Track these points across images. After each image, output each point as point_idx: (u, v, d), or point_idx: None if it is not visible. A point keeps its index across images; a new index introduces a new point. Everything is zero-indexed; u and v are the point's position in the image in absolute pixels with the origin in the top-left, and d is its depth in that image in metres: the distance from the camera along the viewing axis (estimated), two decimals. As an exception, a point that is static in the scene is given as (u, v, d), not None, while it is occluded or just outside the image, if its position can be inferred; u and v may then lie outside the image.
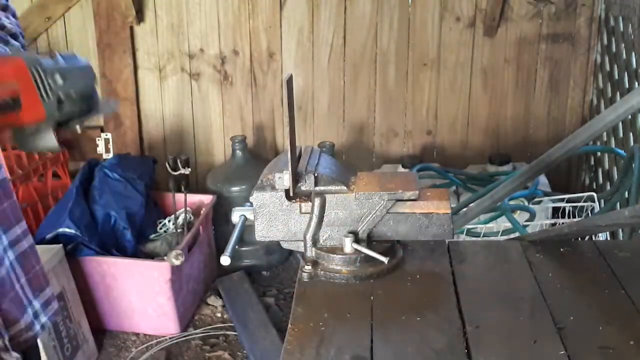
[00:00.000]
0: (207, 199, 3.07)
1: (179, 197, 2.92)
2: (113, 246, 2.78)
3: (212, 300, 2.96)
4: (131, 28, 3.28)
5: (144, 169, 3.03)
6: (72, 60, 1.03)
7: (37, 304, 1.19)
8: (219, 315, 2.89)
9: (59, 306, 1.29)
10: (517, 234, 2.24)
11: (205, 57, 3.31)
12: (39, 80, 0.95)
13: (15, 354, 1.11)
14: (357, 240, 1.11)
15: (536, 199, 2.60)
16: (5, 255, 1.12)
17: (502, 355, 0.96)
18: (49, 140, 0.99)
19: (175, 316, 2.72)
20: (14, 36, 1.19)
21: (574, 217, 2.55)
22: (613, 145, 2.77)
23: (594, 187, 3.03)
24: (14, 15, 1.24)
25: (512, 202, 2.46)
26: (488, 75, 3.24)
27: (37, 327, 1.18)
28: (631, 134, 2.57)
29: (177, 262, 2.58)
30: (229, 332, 2.76)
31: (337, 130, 3.38)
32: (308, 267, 1.13)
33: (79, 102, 1.02)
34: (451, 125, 3.34)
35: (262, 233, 1.14)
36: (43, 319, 1.21)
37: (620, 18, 2.76)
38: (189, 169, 2.86)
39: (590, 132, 1.73)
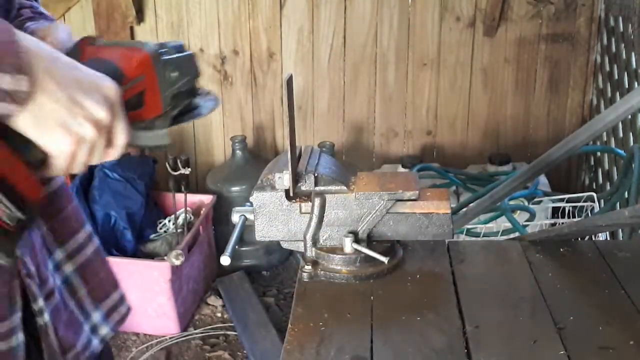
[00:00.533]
0: (207, 199, 3.08)
1: (179, 197, 2.92)
2: (113, 246, 2.79)
3: (212, 300, 2.96)
4: (131, 28, 3.28)
5: (144, 169, 3.03)
6: (180, 48, 0.97)
7: (96, 317, 1.14)
8: (219, 315, 2.89)
9: (128, 308, 1.22)
10: (517, 234, 2.24)
11: (205, 57, 3.31)
12: (160, 76, 0.91)
13: None
14: (357, 240, 1.11)
15: (536, 199, 2.60)
16: (57, 273, 1.06)
17: (502, 355, 0.96)
18: (162, 137, 0.94)
19: (175, 316, 2.72)
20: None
21: (574, 217, 2.55)
22: (613, 145, 2.77)
23: (594, 187, 3.03)
24: None
25: (512, 202, 2.46)
26: (488, 75, 3.24)
27: (95, 342, 1.13)
28: (631, 134, 2.57)
29: (177, 262, 2.58)
30: (229, 332, 2.76)
31: (337, 130, 3.38)
32: (308, 267, 1.13)
33: (188, 96, 0.98)
34: (451, 125, 3.34)
35: (262, 233, 1.14)
36: (104, 330, 1.15)
37: (620, 18, 2.76)
38: (189, 169, 2.86)
39: (590, 132, 1.73)
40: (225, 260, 1.08)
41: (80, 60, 0.92)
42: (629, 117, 2.44)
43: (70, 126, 0.78)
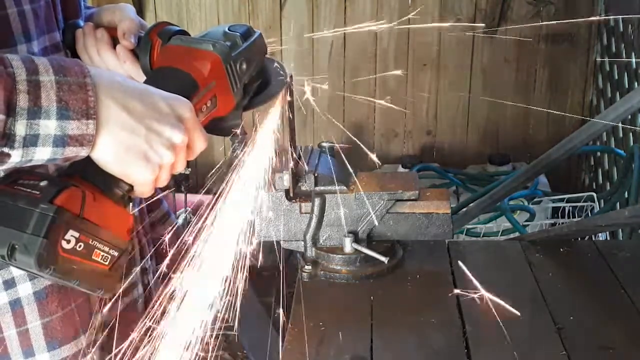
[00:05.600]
0: (207, 199, 3.07)
1: (179, 197, 2.92)
2: (113, 246, 2.78)
3: (212, 300, 2.96)
4: (131, 28, 3.28)
5: (144, 169, 3.02)
6: (247, 34, 0.96)
7: None
8: (219, 315, 2.89)
9: None
10: (517, 234, 2.24)
11: (205, 57, 3.30)
12: (231, 74, 0.91)
13: None
14: (357, 240, 1.12)
15: (536, 199, 2.60)
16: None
17: (502, 355, 0.96)
18: (236, 126, 0.96)
19: (175, 316, 2.71)
20: None
21: (573, 217, 2.55)
22: (613, 145, 2.77)
23: (594, 187, 3.03)
24: None
25: (512, 202, 2.46)
26: (488, 75, 3.24)
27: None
28: (631, 134, 2.57)
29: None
30: (229, 332, 2.76)
31: (337, 130, 3.38)
32: (308, 267, 1.13)
33: (257, 79, 0.98)
34: (451, 126, 3.33)
35: (262, 233, 1.14)
36: None
37: (620, 18, 2.76)
38: (189, 169, 2.85)
39: (590, 132, 1.73)
40: (225, 260, 1.08)
41: (150, 59, 0.95)
42: (629, 117, 2.44)
43: (150, 156, 0.80)
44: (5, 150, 0.71)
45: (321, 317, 1.03)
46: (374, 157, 1.14)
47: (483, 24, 3.13)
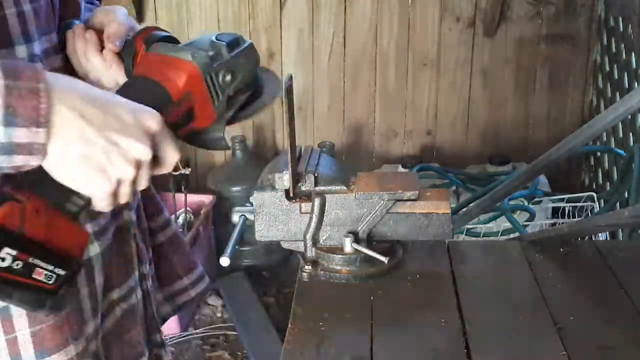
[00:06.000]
0: (207, 199, 3.08)
1: (179, 197, 2.92)
2: (113, 246, 2.78)
3: (212, 300, 2.96)
4: (131, 28, 3.28)
5: (144, 169, 3.02)
6: (235, 43, 0.91)
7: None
8: (219, 315, 2.89)
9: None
10: (517, 234, 2.24)
11: (205, 57, 3.30)
12: (211, 86, 0.87)
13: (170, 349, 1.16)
14: (357, 240, 1.12)
15: (536, 199, 2.60)
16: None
17: (502, 355, 0.96)
18: (218, 139, 0.91)
19: (176, 316, 2.72)
20: None
21: (573, 217, 2.55)
22: (613, 145, 2.77)
23: (594, 187, 3.03)
24: None
25: (512, 202, 2.46)
26: (488, 75, 3.24)
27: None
28: (631, 134, 2.57)
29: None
30: (229, 332, 2.76)
31: (337, 130, 3.38)
32: (308, 267, 1.13)
33: (246, 91, 0.93)
34: (451, 126, 3.34)
35: (262, 233, 1.14)
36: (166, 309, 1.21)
37: (620, 18, 2.77)
38: (189, 169, 2.86)
39: (590, 132, 1.73)
40: (224, 261, 1.08)
41: (132, 65, 0.92)
42: (629, 117, 2.44)
43: (107, 169, 0.76)
44: None
45: (321, 317, 1.03)
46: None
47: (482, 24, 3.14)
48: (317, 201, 1.11)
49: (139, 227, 1.08)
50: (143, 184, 0.80)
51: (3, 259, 0.72)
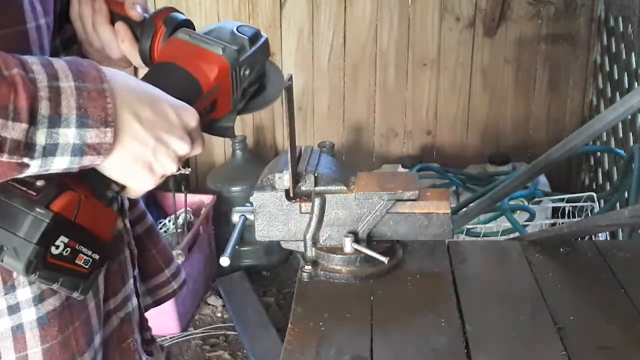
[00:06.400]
0: (207, 199, 3.08)
1: (179, 197, 2.92)
2: (113, 246, 2.78)
3: (212, 300, 2.96)
4: (131, 28, 3.27)
5: (144, 169, 3.02)
6: (255, 38, 0.92)
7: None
8: (219, 315, 2.89)
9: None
10: (517, 234, 2.24)
11: (205, 57, 3.30)
12: (234, 79, 0.89)
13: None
14: (357, 240, 1.12)
15: (536, 199, 2.60)
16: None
17: (502, 355, 0.96)
18: (228, 128, 0.93)
19: (176, 316, 2.72)
20: None
21: (573, 217, 2.55)
22: (613, 145, 2.77)
23: (594, 187, 3.03)
24: None
25: (512, 202, 2.46)
26: (488, 75, 3.24)
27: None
28: (631, 134, 2.57)
29: (177, 262, 2.58)
30: (229, 332, 2.76)
31: (337, 130, 3.38)
32: (308, 267, 1.13)
33: (255, 83, 0.95)
34: (451, 126, 3.34)
35: (262, 233, 1.14)
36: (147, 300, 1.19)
37: (620, 18, 2.77)
38: (189, 169, 2.85)
39: (590, 132, 1.73)
40: (224, 261, 1.08)
41: (151, 46, 0.91)
42: (629, 117, 2.44)
43: (154, 168, 0.79)
44: (25, 160, 0.68)
45: (321, 317, 1.03)
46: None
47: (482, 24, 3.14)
48: (317, 201, 1.11)
49: (126, 230, 1.06)
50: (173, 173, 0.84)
51: (57, 247, 0.74)
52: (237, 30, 0.91)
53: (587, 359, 0.95)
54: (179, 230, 2.90)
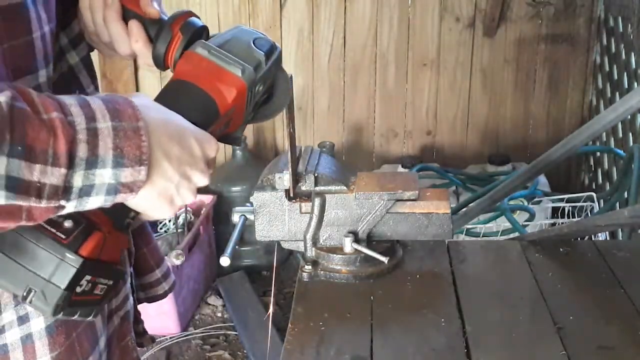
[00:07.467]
0: (207, 199, 3.08)
1: (179, 197, 2.91)
2: (113, 246, 2.78)
3: (212, 300, 2.96)
4: (131, 28, 3.27)
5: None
6: (271, 52, 0.90)
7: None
8: (219, 315, 2.89)
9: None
10: (516, 234, 2.24)
11: (205, 57, 3.30)
12: (250, 98, 0.87)
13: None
14: (357, 240, 1.12)
15: (536, 199, 2.60)
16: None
17: (502, 355, 0.96)
18: (236, 138, 0.92)
19: (176, 316, 2.72)
20: None
21: (573, 217, 2.55)
22: (612, 146, 2.77)
23: (594, 187, 3.03)
24: None
25: (511, 202, 2.46)
26: (487, 75, 3.24)
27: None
28: (630, 134, 2.57)
29: (177, 262, 2.58)
30: (229, 332, 2.76)
31: (337, 130, 3.39)
32: (308, 267, 1.13)
33: (265, 93, 0.93)
34: (451, 126, 3.34)
35: (262, 233, 1.14)
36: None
37: (620, 18, 2.77)
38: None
39: (589, 132, 1.73)
40: (224, 261, 1.08)
41: (166, 52, 0.89)
42: (629, 117, 2.44)
43: (175, 201, 0.79)
44: (62, 203, 0.68)
45: (321, 317, 1.03)
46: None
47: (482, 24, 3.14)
48: (317, 201, 1.11)
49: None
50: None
51: (81, 285, 0.74)
52: (254, 43, 0.89)
53: (587, 358, 0.95)
54: (179, 230, 2.90)
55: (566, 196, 2.61)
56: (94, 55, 1.01)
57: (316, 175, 1.10)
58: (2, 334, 0.82)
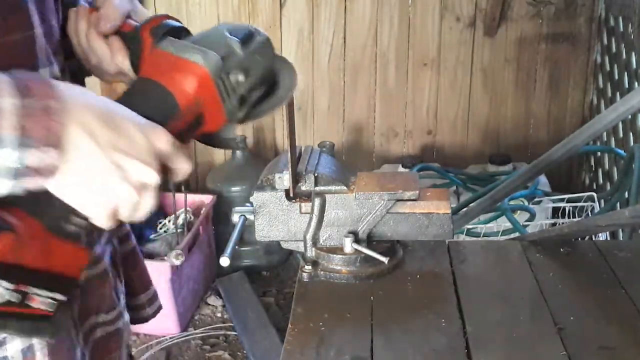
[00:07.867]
0: (207, 199, 3.07)
1: (179, 197, 2.91)
2: (113, 246, 2.78)
3: (212, 300, 2.96)
4: (131, 28, 3.27)
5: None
6: (248, 38, 0.83)
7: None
8: (219, 315, 2.89)
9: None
10: (517, 234, 2.24)
11: (205, 57, 3.30)
12: (222, 88, 0.79)
13: None
14: (357, 240, 1.11)
15: (536, 199, 2.60)
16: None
17: (502, 355, 0.96)
18: (228, 140, 0.85)
19: (175, 316, 2.72)
20: None
21: (574, 217, 2.55)
22: (613, 145, 2.77)
23: (594, 187, 3.03)
24: None
25: (512, 202, 2.46)
26: (488, 75, 3.24)
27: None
28: (631, 134, 2.57)
29: (177, 262, 2.56)
30: (229, 332, 2.76)
31: (337, 130, 3.38)
32: (308, 267, 1.13)
33: (261, 87, 0.85)
34: (451, 125, 3.34)
35: (262, 233, 1.14)
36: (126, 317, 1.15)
37: (620, 18, 2.76)
38: (189, 169, 2.85)
39: (590, 132, 1.73)
40: (224, 261, 1.07)
41: (139, 59, 0.84)
42: (629, 117, 2.44)
43: (106, 192, 0.71)
44: None
45: (321, 317, 1.03)
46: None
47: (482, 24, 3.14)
48: (317, 201, 1.11)
49: (115, 250, 1.04)
50: (147, 207, 0.75)
51: (2, 296, 0.68)
52: (228, 32, 0.82)
53: (588, 359, 0.94)
54: (178, 230, 2.90)
55: (567, 196, 2.61)
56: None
57: (316, 175, 1.10)
58: (3, 346, 0.81)
